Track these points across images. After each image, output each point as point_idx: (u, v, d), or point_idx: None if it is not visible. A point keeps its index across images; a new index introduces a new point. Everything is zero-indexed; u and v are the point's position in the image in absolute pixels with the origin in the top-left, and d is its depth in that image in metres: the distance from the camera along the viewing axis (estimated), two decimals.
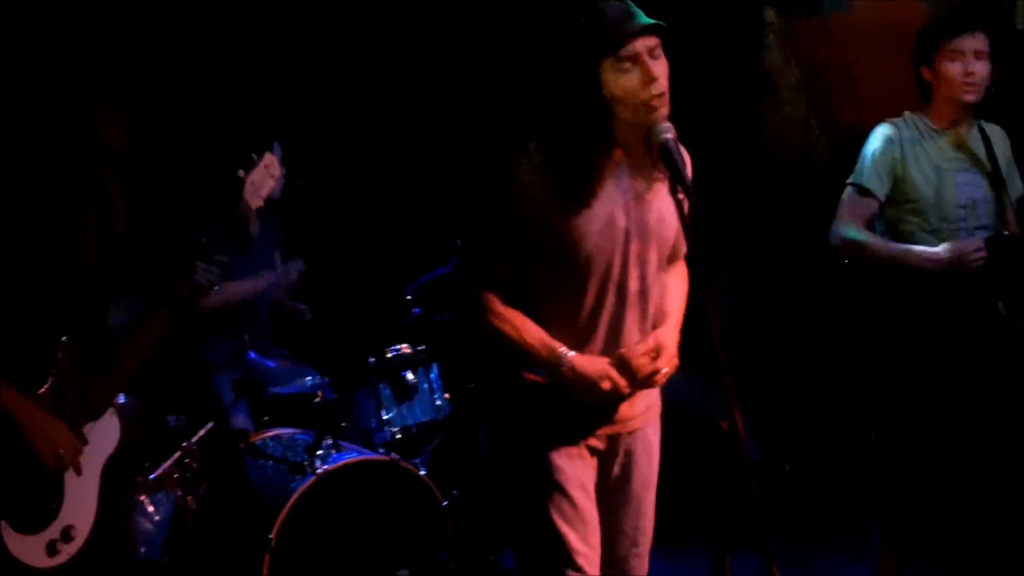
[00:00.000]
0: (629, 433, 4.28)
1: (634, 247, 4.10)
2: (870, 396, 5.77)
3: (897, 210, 5.61)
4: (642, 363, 4.07)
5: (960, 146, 5.60)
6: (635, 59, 3.90)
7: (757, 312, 8.00)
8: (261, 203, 4.77)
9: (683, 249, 4.31)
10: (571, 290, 4.09)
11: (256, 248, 6.63)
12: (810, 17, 8.00)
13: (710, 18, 7.73)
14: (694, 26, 4.02)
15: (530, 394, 4.16)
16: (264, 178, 4.75)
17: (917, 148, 5.58)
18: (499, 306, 4.10)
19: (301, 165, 7.33)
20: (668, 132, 3.90)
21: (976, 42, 5.49)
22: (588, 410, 4.16)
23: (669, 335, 4.20)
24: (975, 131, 5.63)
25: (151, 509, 5.65)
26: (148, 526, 5.62)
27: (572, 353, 4.05)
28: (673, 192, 3.87)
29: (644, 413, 4.31)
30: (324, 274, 7.33)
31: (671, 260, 4.32)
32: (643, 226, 4.10)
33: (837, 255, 5.67)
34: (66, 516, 4.24)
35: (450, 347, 6.55)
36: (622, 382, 4.05)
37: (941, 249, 5.45)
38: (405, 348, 6.34)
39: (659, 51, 3.95)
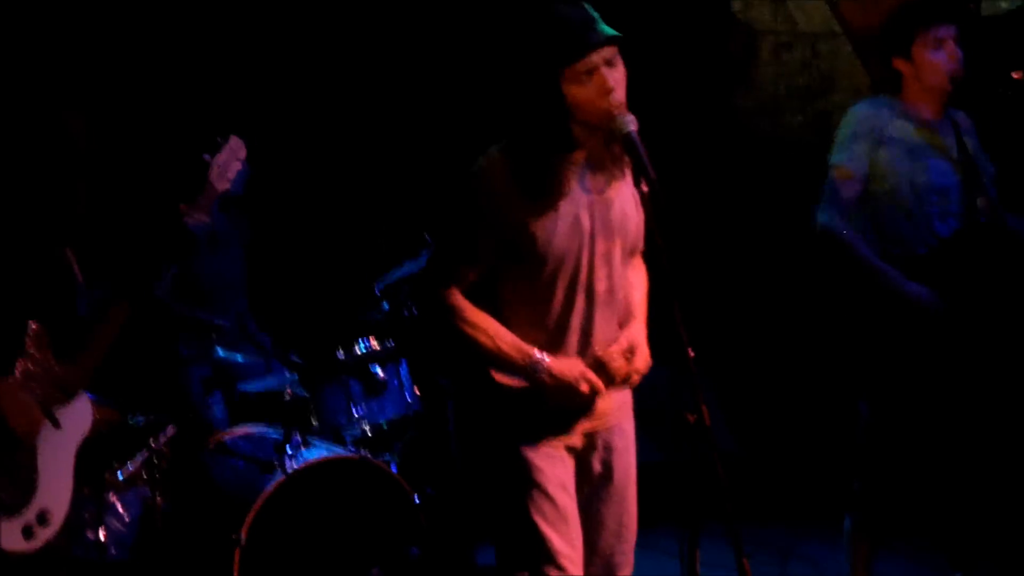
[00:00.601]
0: (607, 429, 4.29)
1: (600, 246, 4.13)
2: (846, 385, 5.79)
3: (873, 193, 5.62)
4: (619, 365, 4.12)
5: (933, 133, 5.61)
6: (592, 71, 3.96)
7: (732, 300, 8.01)
8: (228, 185, 4.81)
9: (640, 244, 4.33)
10: (541, 292, 4.11)
11: (221, 243, 6.69)
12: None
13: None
14: (662, 8, 4.03)
15: (506, 395, 4.17)
16: (230, 161, 4.80)
17: (892, 133, 5.58)
18: (470, 313, 4.12)
19: (272, 160, 7.34)
20: (631, 124, 3.93)
21: (952, 28, 5.51)
22: (564, 410, 4.18)
23: (639, 333, 4.24)
24: (945, 118, 5.64)
25: (120, 509, 5.62)
26: (118, 526, 5.58)
27: (548, 358, 4.08)
28: (637, 184, 3.89)
29: (619, 408, 4.34)
30: (293, 269, 7.32)
31: (631, 255, 4.34)
32: (607, 224, 4.13)
33: (821, 240, 5.67)
34: (41, 499, 4.30)
35: (420, 342, 6.53)
36: (599, 383, 4.09)
37: (919, 291, 5.47)
38: (374, 343, 6.33)
39: (616, 59, 4.01)
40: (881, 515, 5.70)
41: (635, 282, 4.35)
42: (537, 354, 4.07)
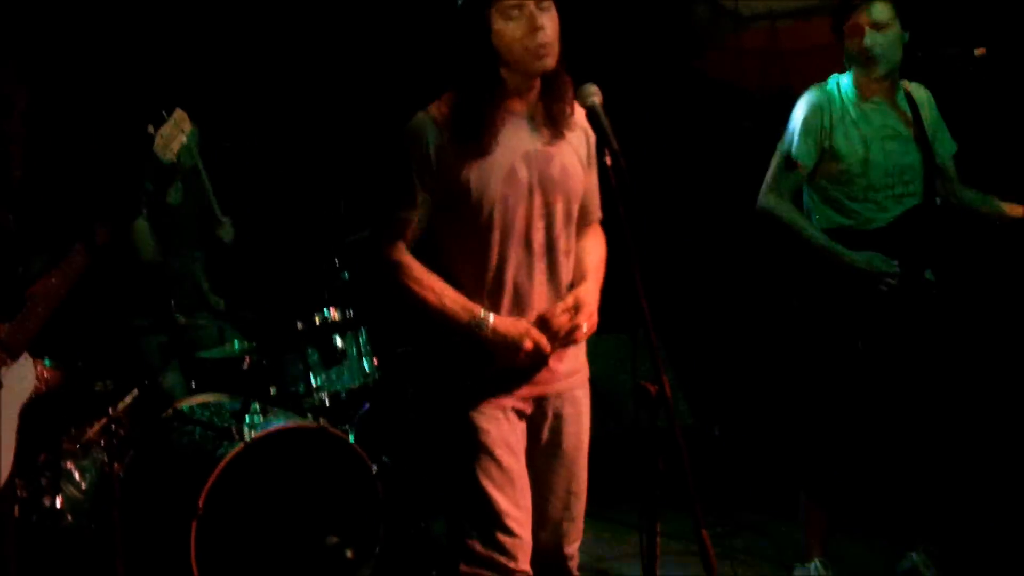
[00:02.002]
0: (557, 395, 4.33)
1: (538, 199, 4.18)
2: (796, 358, 5.82)
3: (824, 179, 5.63)
4: (562, 321, 4.16)
5: (887, 112, 5.62)
6: (520, 7, 4.03)
7: (689, 279, 8.02)
8: (173, 156, 4.84)
9: (597, 212, 4.40)
10: (478, 243, 4.17)
11: (180, 213, 6.66)
12: None
13: None
14: None
15: (454, 357, 4.22)
16: (174, 133, 4.81)
17: (845, 117, 5.60)
18: (416, 270, 4.19)
19: (228, 126, 7.30)
20: (595, 96, 3.95)
21: (875, 12, 5.51)
22: (512, 371, 4.21)
23: (588, 292, 4.29)
24: (900, 95, 5.65)
25: (77, 476, 5.60)
26: (75, 493, 5.57)
27: (492, 316, 4.14)
28: (600, 155, 3.90)
29: (571, 376, 4.37)
30: (251, 238, 7.29)
31: (585, 222, 4.41)
32: (546, 178, 4.19)
33: (761, 222, 5.69)
34: None
35: (379, 311, 6.52)
36: (544, 341, 4.14)
37: (858, 258, 5.52)
38: (334, 313, 6.31)
39: (548, 4, 4.07)
40: (834, 489, 5.74)
41: (590, 247, 4.41)
42: (481, 312, 4.13)
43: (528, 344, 4.11)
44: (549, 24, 4.05)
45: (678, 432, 3.58)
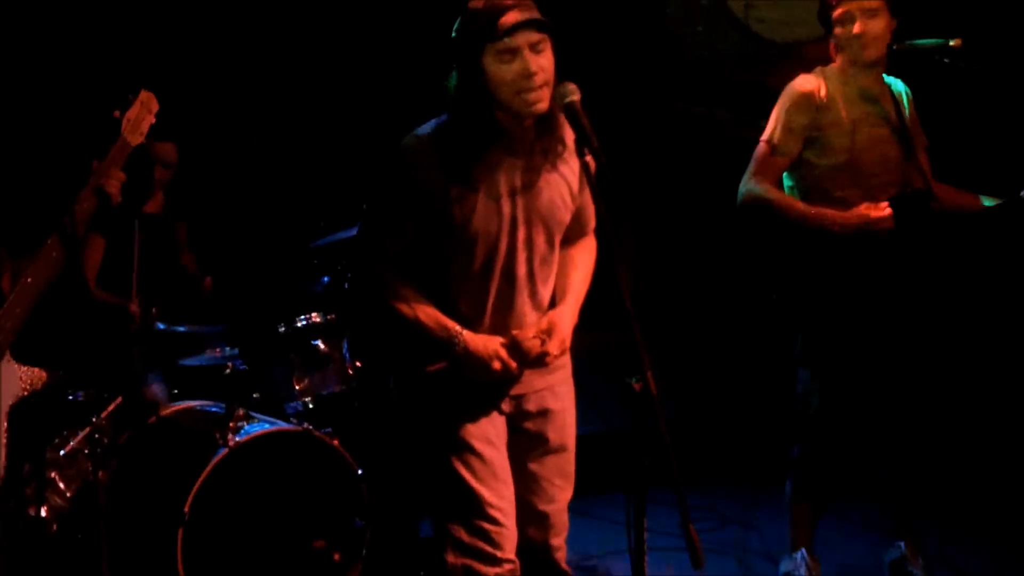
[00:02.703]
0: (537, 392, 4.39)
1: (521, 233, 4.23)
2: (784, 349, 5.83)
3: (809, 168, 5.64)
4: (532, 345, 4.22)
5: (872, 103, 5.64)
6: (515, 51, 4.04)
7: (669, 271, 8.04)
8: (141, 139, 4.86)
9: (591, 224, 4.42)
10: (460, 271, 4.23)
11: (153, 219, 6.66)
12: None
13: None
14: None
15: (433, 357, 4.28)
16: (142, 115, 4.84)
17: (832, 106, 5.60)
18: (396, 284, 4.24)
19: (210, 136, 7.31)
20: (574, 94, 3.97)
21: (864, 1, 5.52)
22: (485, 385, 4.28)
23: (563, 317, 4.34)
24: (883, 85, 5.66)
25: (62, 485, 5.59)
26: (59, 502, 5.56)
27: (466, 333, 4.19)
28: (580, 154, 3.92)
29: (551, 372, 4.42)
30: (232, 244, 7.29)
31: (577, 235, 4.47)
32: (531, 213, 4.23)
33: (744, 210, 5.69)
34: None
35: (360, 315, 6.52)
36: (512, 363, 4.21)
37: (850, 214, 5.49)
38: (315, 317, 6.31)
39: (543, 46, 4.08)
40: (820, 479, 5.75)
41: (577, 262, 4.47)
42: (455, 328, 4.19)
43: (496, 365, 4.18)
44: (544, 67, 4.05)
45: (663, 428, 3.59)
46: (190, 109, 7.21)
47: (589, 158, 3.90)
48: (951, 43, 5.57)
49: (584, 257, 4.49)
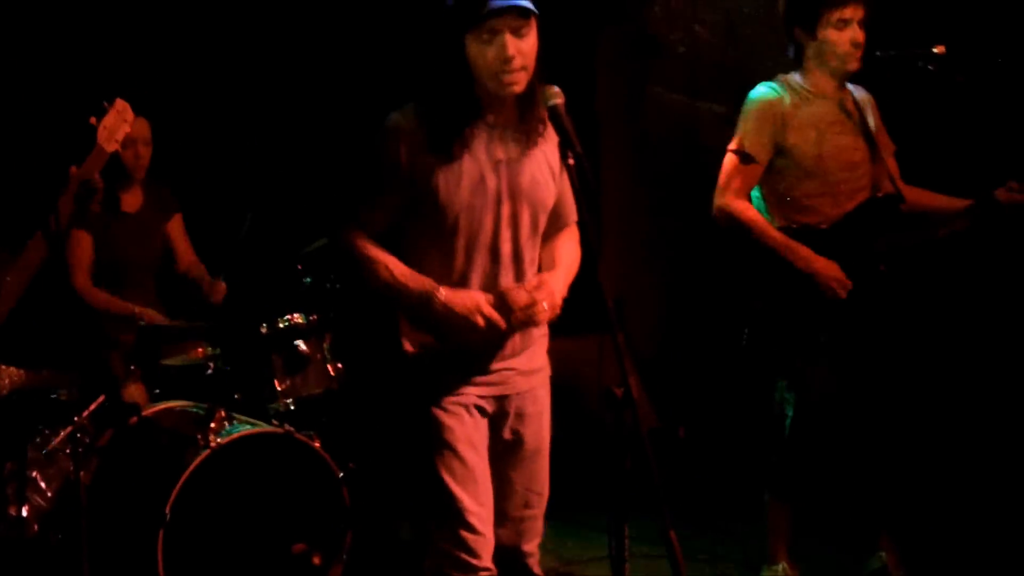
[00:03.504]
0: (518, 394, 4.38)
1: (506, 208, 4.24)
2: (755, 356, 5.85)
3: (779, 175, 5.65)
4: (520, 296, 4.18)
5: (836, 109, 5.65)
6: (495, 33, 4.07)
7: (651, 282, 8.04)
8: (116, 147, 4.91)
9: (572, 215, 4.43)
10: (444, 248, 4.24)
11: (132, 217, 6.65)
12: None
13: None
14: None
15: (416, 357, 4.28)
16: (118, 123, 4.88)
17: (799, 113, 5.61)
18: (372, 249, 4.24)
19: (193, 135, 7.29)
20: (557, 97, 3.97)
21: (860, 10, 5.52)
22: (470, 362, 4.27)
23: (554, 277, 4.33)
24: (847, 93, 5.68)
25: (43, 485, 5.58)
26: (40, 502, 5.55)
27: (443, 289, 4.17)
28: (563, 157, 3.92)
29: (532, 374, 4.42)
30: (214, 244, 7.28)
31: (560, 224, 4.47)
32: (515, 188, 4.24)
33: (718, 223, 5.70)
34: None
35: (342, 316, 6.52)
36: (496, 316, 4.16)
37: (820, 265, 5.54)
38: (297, 318, 6.31)
39: (526, 30, 4.11)
40: (796, 486, 5.76)
41: (564, 246, 4.46)
42: (432, 283, 4.18)
43: (479, 319, 4.14)
44: (523, 51, 4.09)
45: (645, 435, 3.59)
46: (176, 109, 7.23)
47: (572, 161, 3.90)
48: (934, 50, 5.58)
49: (569, 245, 4.49)
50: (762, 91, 5.69)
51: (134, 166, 6.73)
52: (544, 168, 4.29)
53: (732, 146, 5.66)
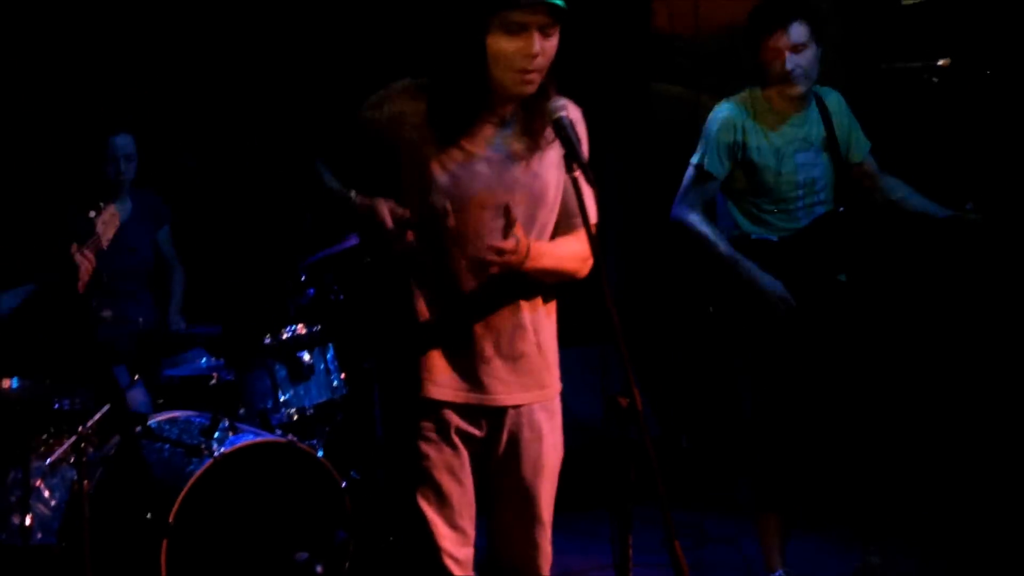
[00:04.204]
0: (513, 417, 4.24)
1: (500, 198, 4.09)
2: (731, 365, 6.00)
3: (737, 190, 5.77)
4: (499, 243, 4.01)
5: (797, 125, 5.73)
6: (524, 27, 3.94)
7: (651, 288, 8.05)
8: (105, 245, 5.00)
9: (577, 217, 4.25)
10: (431, 238, 4.09)
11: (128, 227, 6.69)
12: None
13: None
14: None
15: (401, 373, 4.20)
16: (110, 224, 5.02)
17: (757, 131, 5.72)
18: (326, 177, 4.24)
19: (191, 143, 7.30)
20: (563, 110, 3.91)
21: (793, 35, 5.58)
22: (455, 367, 4.16)
23: (541, 243, 4.16)
24: (812, 104, 5.73)
25: (47, 494, 5.60)
26: (44, 511, 5.57)
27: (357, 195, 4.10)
28: (568, 169, 3.87)
29: (527, 391, 4.25)
30: (218, 254, 7.30)
31: (567, 225, 4.26)
32: (512, 181, 4.10)
33: (674, 232, 5.77)
34: None
35: (345, 327, 6.54)
36: (401, 210, 4.00)
37: (767, 285, 5.63)
38: (300, 328, 6.33)
39: (552, 31, 3.99)
40: (776, 488, 5.79)
41: (566, 239, 4.26)
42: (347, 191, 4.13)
43: (383, 211, 4.00)
44: (546, 51, 3.99)
45: (649, 445, 3.59)
46: (180, 119, 7.25)
47: (578, 173, 3.87)
48: (939, 63, 5.61)
49: (574, 240, 4.24)
50: (724, 107, 5.79)
51: (116, 181, 6.77)
52: (549, 165, 4.15)
53: (693, 159, 5.78)
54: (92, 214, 4.94)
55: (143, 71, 7.38)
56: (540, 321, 4.24)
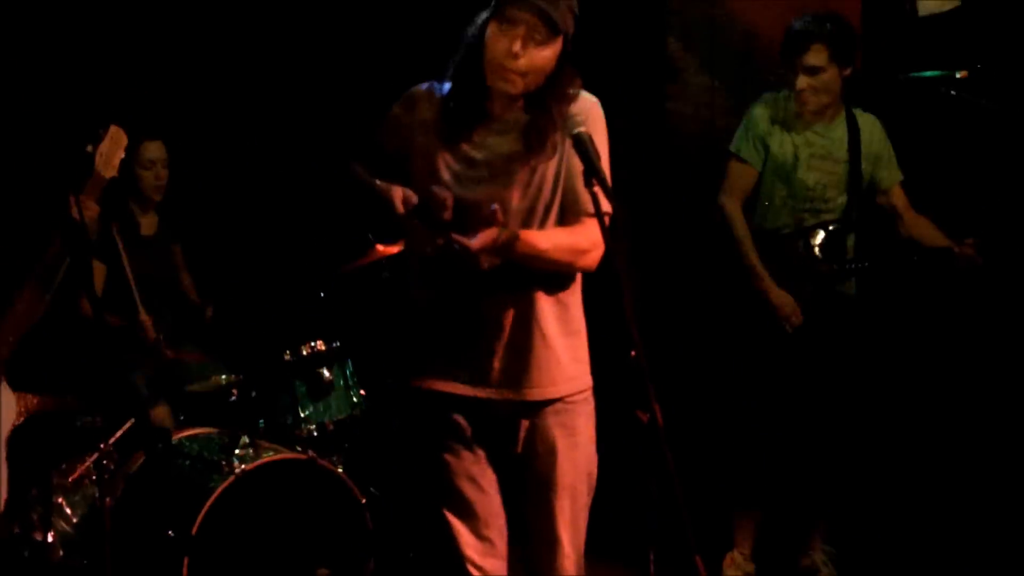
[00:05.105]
0: (525, 420, 4.24)
1: (493, 196, 4.09)
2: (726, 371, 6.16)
3: (764, 180, 5.94)
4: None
5: (820, 135, 5.89)
6: (514, 25, 3.99)
7: (661, 300, 8.04)
8: (114, 173, 4.86)
9: (586, 207, 4.12)
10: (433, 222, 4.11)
11: (149, 241, 6.69)
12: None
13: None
14: (598, 10, 4.10)
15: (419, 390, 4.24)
16: (113, 149, 4.86)
17: (782, 130, 5.91)
18: (360, 171, 4.27)
19: (215, 159, 7.31)
20: (581, 125, 3.91)
21: (810, 57, 5.76)
22: (457, 371, 4.20)
23: (529, 233, 4.12)
24: (840, 120, 5.80)
25: (68, 511, 5.61)
26: (65, 527, 5.57)
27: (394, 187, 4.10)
28: (587, 184, 3.88)
29: (529, 386, 4.23)
30: (238, 269, 7.30)
31: (572, 213, 4.21)
32: (510, 178, 4.13)
33: (717, 222, 6.00)
34: None
35: (365, 343, 6.54)
36: (410, 197, 4.05)
37: (777, 295, 5.84)
38: (320, 344, 6.33)
39: (544, 39, 4.02)
40: (755, 486, 6.05)
41: (560, 230, 4.21)
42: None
43: (397, 196, 4.04)
44: (533, 58, 4.01)
45: (670, 460, 3.59)
46: (194, 131, 7.25)
47: (598, 189, 3.87)
48: (957, 75, 5.63)
49: (576, 230, 4.19)
50: (762, 100, 6.02)
51: (155, 187, 6.78)
52: (549, 161, 4.14)
53: (731, 147, 6.02)
54: (89, 148, 4.81)
55: (161, 82, 7.39)
56: (548, 316, 4.22)
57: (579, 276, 4.31)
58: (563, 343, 4.26)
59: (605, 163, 4.05)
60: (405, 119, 4.22)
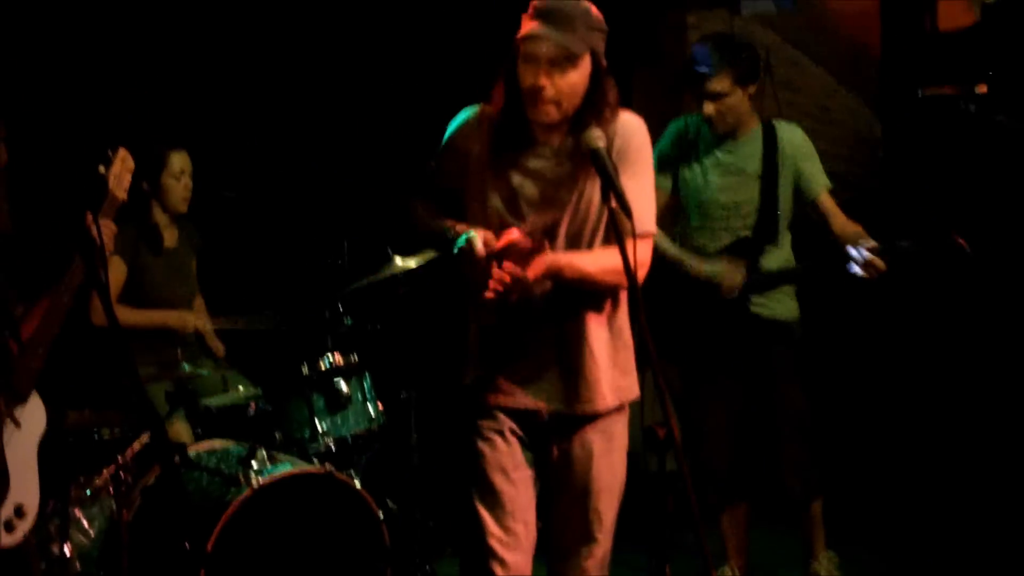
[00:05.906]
0: (565, 425, 4.33)
1: (545, 218, 4.22)
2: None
3: (681, 203, 6.03)
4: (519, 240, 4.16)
5: (732, 152, 5.92)
6: (533, 59, 4.09)
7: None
8: (124, 196, 4.89)
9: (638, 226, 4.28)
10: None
11: (172, 253, 6.69)
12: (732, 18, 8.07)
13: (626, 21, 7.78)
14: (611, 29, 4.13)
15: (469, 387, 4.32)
16: (123, 171, 4.89)
17: (694, 149, 5.97)
18: (421, 207, 4.38)
19: (233, 173, 7.31)
20: (600, 139, 3.96)
21: (713, 84, 5.81)
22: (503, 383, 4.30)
23: (567, 256, 4.24)
24: (753, 134, 5.84)
25: (86, 523, 5.61)
26: (83, 540, 5.58)
27: (469, 228, 4.18)
28: (604, 199, 3.91)
29: (574, 402, 4.33)
30: (256, 283, 7.31)
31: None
32: (558, 202, 4.22)
33: None
34: (15, 494, 4.52)
35: (383, 356, 6.54)
36: (491, 238, 4.14)
37: (708, 270, 5.89)
38: (338, 358, 6.33)
39: (566, 64, 4.09)
40: (723, 484, 5.90)
41: (602, 252, 4.30)
42: (452, 223, 4.25)
43: (479, 242, 4.11)
44: (559, 84, 4.09)
45: (687, 474, 3.59)
46: (211, 143, 7.26)
47: (615, 204, 3.90)
48: (976, 90, 5.63)
49: (607, 252, 4.26)
50: (673, 125, 6.08)
51: (183, 198, 6.78)
52: (595, 185, 4.18)
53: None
54: (102, 169, 4.85)
55: (178, 95, 7.40)
56: (597, 334, 4.30)
57: (623, 292, 4.37)
58: (611, 359, 4.36)
59: (648, 181, 4.14)
60: (457, 150, 4.31)
